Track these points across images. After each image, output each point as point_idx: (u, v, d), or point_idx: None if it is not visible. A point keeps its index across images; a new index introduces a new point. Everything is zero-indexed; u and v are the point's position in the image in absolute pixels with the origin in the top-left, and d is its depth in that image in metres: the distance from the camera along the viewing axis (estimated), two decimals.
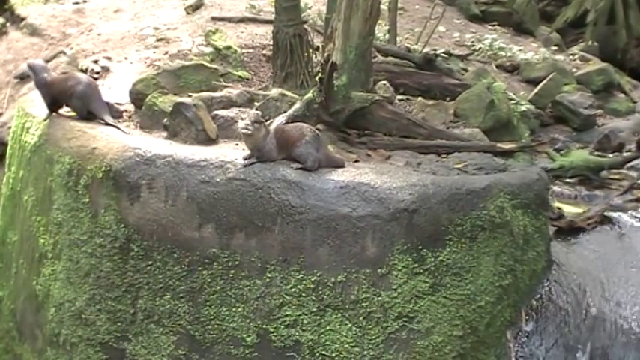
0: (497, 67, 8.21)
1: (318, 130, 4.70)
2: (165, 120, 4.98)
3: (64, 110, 5.05)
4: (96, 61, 6.85)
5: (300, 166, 4.35)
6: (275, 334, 4.25)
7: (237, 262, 4.29)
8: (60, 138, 4.80)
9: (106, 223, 4.50)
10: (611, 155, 6.28)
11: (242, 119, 4.37)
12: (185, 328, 4.37)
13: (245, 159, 4.38)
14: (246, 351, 4.27)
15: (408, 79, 6.57)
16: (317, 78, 5.04)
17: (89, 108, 4.93)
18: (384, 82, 5.98)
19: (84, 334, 4.56)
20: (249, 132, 4.30)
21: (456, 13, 9.76)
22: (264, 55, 6.93)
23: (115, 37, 7.47)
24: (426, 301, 4.19)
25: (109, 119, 4.92)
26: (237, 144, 4.73)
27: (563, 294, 4.57)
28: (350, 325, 4.19)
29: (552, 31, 9.75)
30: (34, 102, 5.29)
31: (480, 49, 8.57)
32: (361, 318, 4.18)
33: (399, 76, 6.54)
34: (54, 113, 5.00)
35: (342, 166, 4.46)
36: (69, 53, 7.28)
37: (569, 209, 5.23)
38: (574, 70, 8.38)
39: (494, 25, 9.82)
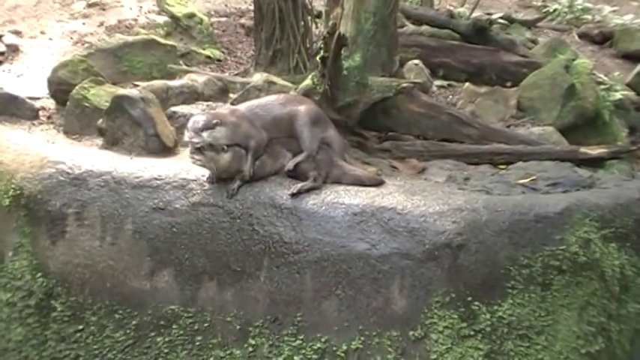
0: (579, 36, 8.30)
1: None
2: (100, 121, 5.07)
3: None
4: None
5: (307, 184, 4.41)
6: None
7: (206, 325, 4.35)
8: None
9: (15, 272, 4.56)
10: None
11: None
12: None
13: (210, 181, 4.43)
14: None
15: (450, 57, 6.67)
16: (318, 58, 5.11)
17: None
18: (416, 61, 6.08)
19: None
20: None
21: None
22: (242, 25, 7.05)
23: (27, 3, 7.59)
24: None
25: None
26: None
27: None
28: None
29: None
30: None
31: (554, 10, 8.66)
32: None
33: (437, 53, 6.64)
34: None
35: (376, 185, 4.54)
36: None
37: None
38: None
39: None
